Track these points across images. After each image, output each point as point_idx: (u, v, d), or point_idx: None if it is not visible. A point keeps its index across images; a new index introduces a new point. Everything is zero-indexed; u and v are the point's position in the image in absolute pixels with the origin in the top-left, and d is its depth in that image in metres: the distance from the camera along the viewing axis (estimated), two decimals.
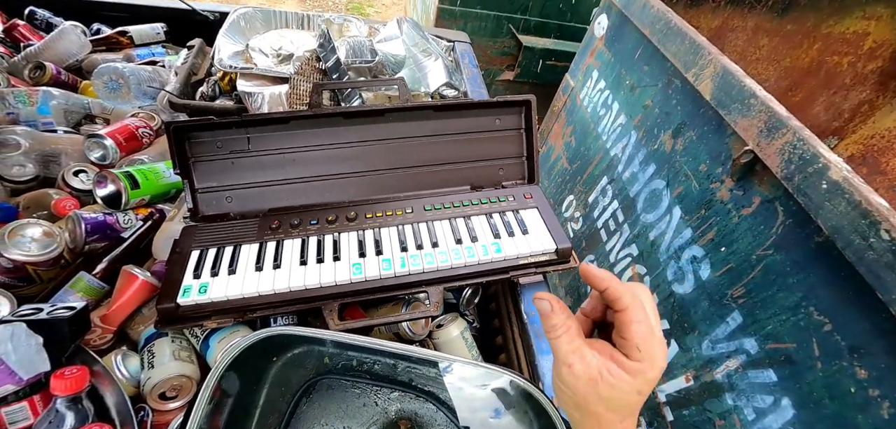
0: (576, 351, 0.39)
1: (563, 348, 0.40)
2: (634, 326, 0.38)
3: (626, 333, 0.38)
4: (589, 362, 0.39)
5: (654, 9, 1.14)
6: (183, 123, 0.66)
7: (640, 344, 0.38)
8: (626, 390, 0.38)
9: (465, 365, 0.57)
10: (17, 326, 0.49)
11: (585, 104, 1.53)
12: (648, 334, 0.38)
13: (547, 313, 0.42)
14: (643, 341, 0.38)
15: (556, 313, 0.41)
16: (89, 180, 0.80)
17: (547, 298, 0.42)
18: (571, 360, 0.39)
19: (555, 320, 0.41)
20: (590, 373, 0.38)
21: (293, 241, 0.65)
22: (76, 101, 0.95)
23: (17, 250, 0.62)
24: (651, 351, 0.38)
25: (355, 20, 0.98)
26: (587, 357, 0.39)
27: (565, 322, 0.41)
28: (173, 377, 0.64)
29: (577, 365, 0.39)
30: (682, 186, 1.08)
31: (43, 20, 1.18)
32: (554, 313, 0.41)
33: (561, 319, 0.41)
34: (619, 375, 0.38)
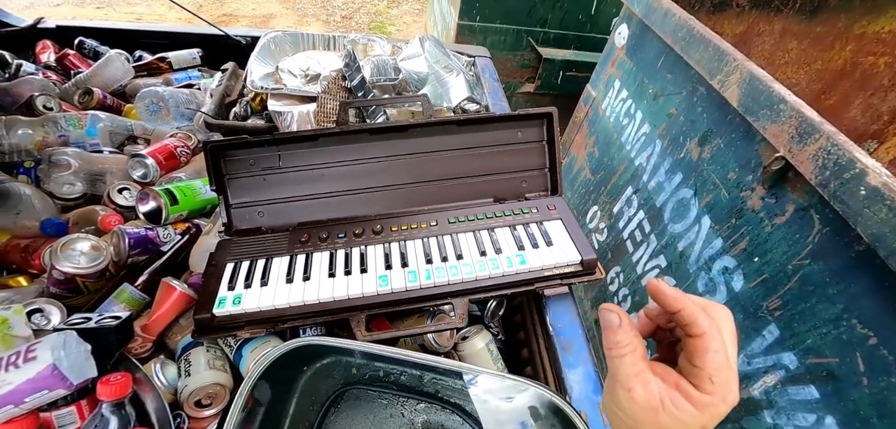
0: (639, 375, 0.36)
1: (624, 370, 0.36)
2: (710, 355, 0.34)
3: (700, 361, 0.34)
4: (651, 390, 0.35)
5: (675, 17, 1.13)
6: (219, 141, 0.69)
7: (715, 376, 0.34)
8: (689, 424, 0.34)
9: (492, 377, 0.57)
10: (68, 334, 0.52)
11: (608, 114, 1.52)
12: (724, 365, 0.34)
13: (613, 328, 0.37)
14: (718, 373, 0.34)
15: (624, 330, 0.37)
16: (132, 197, 0.85)
17: (615, 311, 0.38)
18: (632, 383, 0.35)
19: (620, 337, 0.37)
20: (651, 401, 0.35)
21: (322, 254, 0.67)
22: (120, 124, 1.01)
23: (68, 263, 0.66)
24: (725, 385, 0.34)
25: (379, 40, 1.01)
26: (650, 384, 0.35)
27: (632, 342, 0.37)
28: (208, 385, 0.66)
29: (639, 390, 0.35)
30: (710, 194, 1.06)
31: (90, 49, 1.27)
32: (621, 329, 0.37)
33: (628, 337, 0.37)
34: (684, 407, 0.34)
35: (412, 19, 4.02)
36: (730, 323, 0.36)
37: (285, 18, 3.73)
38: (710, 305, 0.37)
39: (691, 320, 0.35)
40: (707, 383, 0.34)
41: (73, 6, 3.50)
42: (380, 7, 4.16)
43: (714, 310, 0.37)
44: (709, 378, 0.34)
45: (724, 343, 0.35)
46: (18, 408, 0.50)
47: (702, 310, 0.36)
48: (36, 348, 0.49)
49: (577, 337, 0.68)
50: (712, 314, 0.36)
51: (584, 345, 0.67)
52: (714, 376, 0.34)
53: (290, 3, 3.97)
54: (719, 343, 0.34)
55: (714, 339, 0.34)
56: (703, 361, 0.34)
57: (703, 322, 0.35)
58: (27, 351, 0.49)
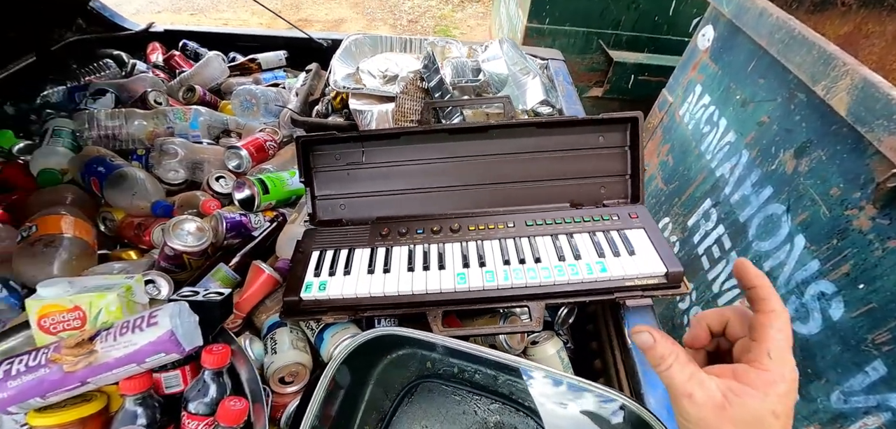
0: (692, 378, 0.35)
1: (676, 378, 0.36)
2: (774, 330, 0.34)
3: (762, 335, 0.35)
4: (709, 387, 0.35)
5: (773, 17, 1.05)
6: (309, 136, 0.74)
7: (773, 350, 0.34)
8: (758, 411, 0.33)
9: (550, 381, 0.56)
10: (182, 304, 0.58)
11: (686, 121, 1.44)
12: (785, 345, 0.34)
13: (649, 346, 0.38)
14: (776, 349, 0.34)
15: (660, 343, 0.37)
16: (228, 185, 0.92)
17: (646, 330, 0.39)
18: (690, 388, 0.35)
19: (660, 350, 0.37)
20: (714, 399, 0.34)
21: (401, 248, 0.69)
22: (217, 118, 1.11)
23: (178, 241, 0.73)
24: (782, 362, 0.34)
25: (455, 43, 1.03)
26: (706, 382, 0.35)
27: (672, 350, 0.37)
28: (291, 364, 0.70)
29: (697, 392, 0.34)
30: (806, 211, 0.97)
31: (192, 51, 1.40)
32: (657, 344, 0.37)
33: (667, 347, 0.37)
34: (746, 392, 0.34)
35: (476, 22, 4.05)
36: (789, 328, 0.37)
37: (355, 23, 3.90)
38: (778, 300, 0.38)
39: (766, 296, 0.36)
40: (765, 357, 0.34)
41: (171, 13, 3.88)
42: (445, 11, 4.22)
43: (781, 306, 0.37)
44: (767, 353, 0.34)
45: (789, 328, 0.35)
46: (139, 366, 0.56)
47: (777, 296, 0.37)
48: (157, 315, 0.55)
49: None
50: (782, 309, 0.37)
51: None
52: (772, 350, 0.34)
53: (359, 9, 4.14)
54: (784, 324, 0.35)
55: (780, 318, 0.35)
56: (764, 335, 0.35)
57: (776, 302, 0.36)
58: (150, 317, 0.55)
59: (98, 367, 0.55)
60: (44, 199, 0.90)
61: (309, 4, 4.10)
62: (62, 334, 0.60)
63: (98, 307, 0.60)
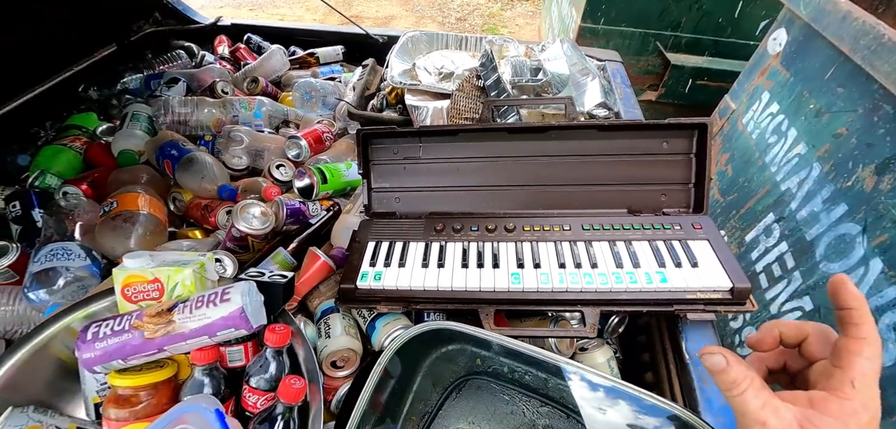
0: (766, 405, 0.33)
1: (750, 404, 0.34)
2: (862, 359, 0.32)
3: (849, 362, 0.32)
4: (784, 416, 0.33)
5: (858, 20, 0.97)
6: (369, 130, 0.76)
7: (858, 379, 0.31)
8: None
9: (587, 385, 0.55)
10: (251, 284, 0.61)
11: (750, 130, 1.36)
12: (872, 375, 0.32)
13: (722, 369, 0.36)
14: (862, 378, 0.31)
15: (734, 367, 0.35)
16: (287, 173, 0.97)
17: (719, 352, 0.37)
18: (764, 416, 0.33)
19: (734, 374, 0.35)
20: (788, 427, 0.32)
21: (455, 244, 0.70)
22: (278, 109, 1.16)
23: (244, 223, 0.78)
24: (867, 392, 0.31)
25: (512, 42, 1.02)
26: (781, 410, 0.33)
27: (747, 374, 0.35)
28: (343, 349, 0.73)
29: (772, 420, 0.33)
30: (887, 234, 0.89)
31: (256, 44, 1.48)
32: (731, 367, 0.35)
33: (742, 371, 0.35)
34: (825, 422, 0.31)
35: (525, 21, 4.00)
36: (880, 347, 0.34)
37: (404, 20, 3.96)
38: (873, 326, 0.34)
39: (860, 322, 0.33)
40: (848, 386, 0.32)
41: (232, 8, 4.09)
42: (494, 9, 4.20)
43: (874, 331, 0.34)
44: (850, 382, 0.32)
45: (880, 360, 0.33)
46: (211, 339, 0.60)
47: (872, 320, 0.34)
48: (230, 292, 0.58)
49: None
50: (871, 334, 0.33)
51: None
52: (857, 380, 0.32)
53: (409, 6, 4.20)
54: (874, 354, 0.32)
55: (871, 347, 0.32)
56: (851, 363, 0.32)
57: (870, 329, 0.33)
58: (223, 293, 0.59)
59: (175, 336, 0.59)
60: (123, 177, 0.97)
61: (360, 1, 4.20)
62: (142, 304, 0.65)
63: (175, 281, 0.64)
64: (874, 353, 0.32)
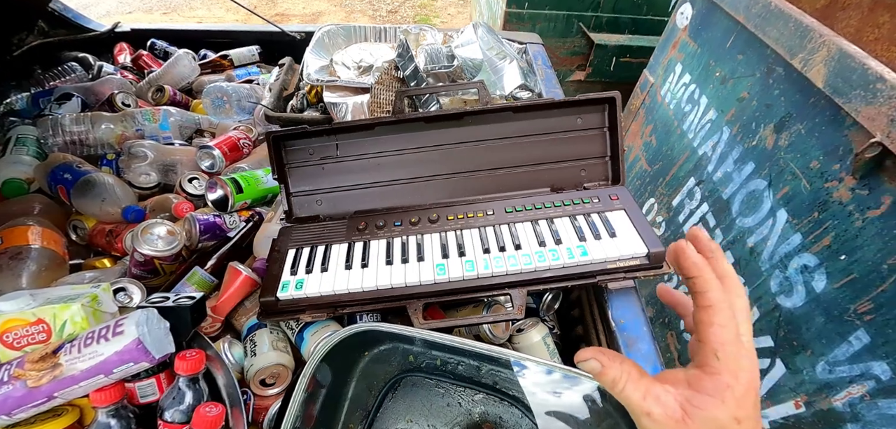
0: (647, 395, 0.34)
1: (632, 397, 0.34)
2: (715, 328, 0.32)
3: (705, 335, 0.33)
4: (666, 402, 0.33)
5: None
6: (281, 132, 0.72)
7: (719, 350, 0.32)
8: (721, 420, 0.31)
9: (540, 371, 0.55)
10: (150, 311, 0.56)
11: (668, 101, 1.43)
12: (731, 339, 0.32)
13: (599, 372, 0.36)
14: (722, 347, 0.32)
15: (608, 367, 0.36)
16: (201, 186, 0.90)
17: (592, 357, 0.37)
18: (647, 406, 0.33)
19: (611, 374, 0.35)
20: (672, 414, 0.32)
21: (379, 241, 0.67)
22: (189, 118, 1.07)
23: (147, 246, 0.71)
24: (733, 360, 0.32)
25: (430, 29, 1.00)
26: (662, 397, 0.33)
27: (622, 369, 0.35)
28: (272, 365, 0.69)
29: (655, 409, 0.33)
30: (788, 185, 0.97)
31: (161, 50, 1.36)
32: (606, 369, 0.36)
33: (616, 368, 0.35)
34: (704, 401, 0.32)
35: (456, 10, 4.01)
36: (742, 300, 0.34)
37: (333, 15, 3.84)
38: (727, 277, 0.35)
39: (704, 288, 0.34)
40: (712, 359, 0.32)
41: (142, 12, 3.78)
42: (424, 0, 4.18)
43: (732, 285, 0.35)
44: (714, 353, 0.32)
45: (734, 318, 0.33)
46: (108, 377, 0.54)
47: (718, 282, 0.34)
48: (123, 323, 0.53)
49: (641, 333, 0.64)
50: (730, 288, 0.34)
51: (650, 341, 0.64)
52: (718, 350, 0.32)
53: (338, 0, 4.07)
54: (726, 317, 0.33)
55: (720, 312, 0.33)
56: (707, 334, 0.33)
57: (714, 295, 0.33)
58: (115, 326, 0.53)
59: (64, 380, 0.53)
60: (12, 210, 0.87)
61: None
62: (27, 349, 0.57)
63: (62, 319, 0.57)
64: (725, 318, 0.32)
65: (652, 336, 0.65)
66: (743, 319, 0.34)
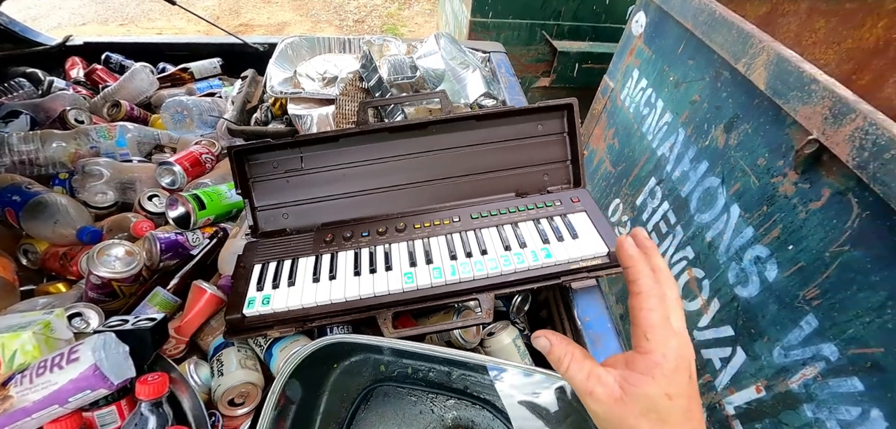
0: (590, 375, 0.37)
1: (576, 377, 0.37)
2: (645, 312, 0.36)
3: (637, 318, 0.36)
4: (606, 381, 0.36)
5: (696, 1, 1.10)
6: (243, 146, 0.71)
7: (648, 331, 0.35)
8: (653, 396, 0.34)
9: (518, 373, 0.56)
10: (107, 335, 0.54)
11: (627, 105, 1.49)
12: (660, 323, 0.35)
13: (547, 350, 0.40)
14: (651, 329, 0.35)
15: (556, 346, 0.39)
16: (162, 204, 0.87)
17: (543, 336, 0.40)
18: (589, 386, 0.36)
19: (556, 353, 0.39)
20: (612, 392, 0.35)
21: (346, 253, 0.67)
22: (147, 134, 1.04)
23: (104, 268, 0.68)
24: (662, 341, 0.35)
25: (394, 40, 1.01)
26: (602, 376, 0.36)
27: (567, 350, 0.38)
28: (241, 385, 0.67)
29: (597, 389, 0.36)
30: (739, 182, 1.03)
31: (117, 63, 1.31)
32: (554, 347, 0.39)
33: (562, 348, 0.39)
34: (638, 380, 0.34)
35: (424, 19, 4.04)
36: (673, 291, 0.38)
37: (299, 25, 3.79)
38: (660, 270, 0.38)
39: (635, 277, 0.37)
40: (643, 341, 0.35)
41: (98, 24, 3.63)
42: (391, 9, 4.18)
43: (663, 277, 0.38)
44: (644, 335, 0.35)
45: (664, 305, 0.36)
46: (63, 408, 0.51)
47: (650, 272, 0.37)
48: (78, 350, 0.51)
49: (605, 330, 0.67)
50: (660, 279, 0.37)
51: (614, 337, 0.66)
52: (648, 332, 0.35)
53: (303, 10, 4.03)
54: (655, 303, 0.36)
55: (650, 298, 0.36)
56: (638, 318, 0.36)
57: (644, 282, 0.37)
58: (70, 352, 0.51)
59: (15, 413, 0.51)
60: None
61: (249, 8, 3.95)
62: None
63: (12, 349, 0.55)
64: (654, 303, 0.35)
65: (617, 332, 0.68)
66: (674, 308, 0.36)
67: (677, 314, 0.36)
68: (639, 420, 0.34)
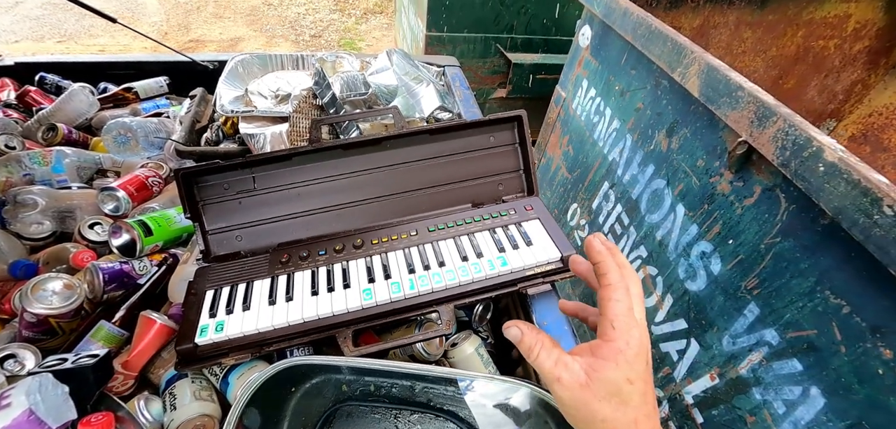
0: (558, 362, 0.38)
1: (545, 365, 0.39)
2: (612, 302, 0.38)
3: (605, 308, 0.38)
4: (573, 368, 0.38)
5: (634, 15, 1.17)
6: (191, 168, 0.68)
7: (615, 321, 0.37)
8: (615, 381, 0.36)
9: (484, 381, 0.57)
10: (43, 376, 0.50)
11: (579, 113, 1.55)
12: (625, 312, 0.38)
13: (519, 339, 0.41)
14: (617, 318, 0.37)
15: (526, 335, 0.41)
16: (105, 232, 0.82)
17: (514, 325, 0.42)
18: (557, 372, 0.38)
19: (527, 341, 0.40)
20: (578, 378, 0.37)
21: (303, 272, 0.66)
22: (88, 158, 0.98)
23: (39, 304, 0.64)
24: (625, 330, 0.37)
25: (347, 56, 1.01)
26: (570, 363, 0.38)
27: (537, 338, 0.40)
28: (195, 417, 0.64)
29: (564, 375, 0.37)
30: (682, 183, 1.09)
31: (53, 84, 1.23)
32: (525, 336, 0.41)
33: (532, 337, 0.40)
34: (602, 365, 0.36)
35: (381, 33, 4.04)
36: (637, 287, 0.40)
37: (253, 41, 3.70)
38: (624, 267, 0.41)
39: (605, 270, 0.39)
40: (609, 329, 0.37)
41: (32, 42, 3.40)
42: (348, 24, 4.16)
43: (628, 273, 0.41)
44: (610, 323, 0.37)
45: (629, 297, 0.39)
46: None
47: (617, 267, 0.40)
48: (10, 395, 0.47)
49: (563, 332, 0.69)
50: (625, 274, 0.40)
51: (572, 339, 0.68)
52: (614, 320, 0.37)
53: (257, 26, 3.94)
54: (622, 295, 0.38)
55: (618, 290, 0.38)
56: (607, 307, 0.38)
57: (613, 275, 0.39)
58: (1, 398, 0.47)
59: None
60: None
61: (200, 24, 3.82)
62: None
63: None
64: (621, 295, 0.38)
65: (574, 334, 0.70)
66: (636, 301, 0.39)
67: (639, 307, 0.39)
68: (602, 403, 0.36)
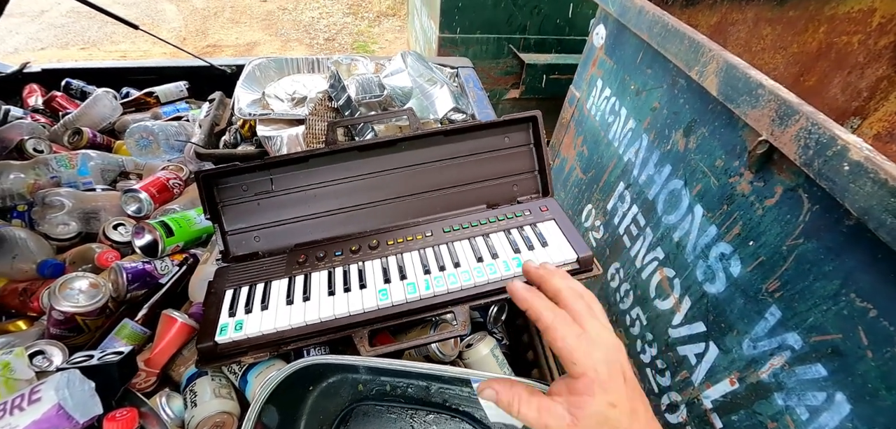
0: (541, 411, 0.37)
1: (529, 416, 0.38)
2: (558, 343, 0.37)
3: (556, 351, 0.37)
4: (557, 412, 0.37)
5: (649, 13, 1.16)
6: (211, 170, 0.70)
7: (570, 357, 0.36)
8: (600, 411, 0.35)
9: None
10: (71, 372, 0.52)
11: (593, 113, 1.54)
12: (576, 343, 0.36)
13: (495, 400, 0.40)
14: (571, 354, 0.36)
15: (501, 393, 0.40)
16: (128, 233, 0.85)
17: (487, 387, 0.41)
18: (543, 420, 0.37)
19: (504, 399, 0.39)
20: (564, 422, 0.36)
21: (320, 273, 0.67)
22: (111, 161, 1.01)
23: (67, 302, 0.66)
24: (585, 358, 0.36)
25: (362, 59, 1.02)
26: (553, 408, 0.37)
27: (513, 392, 0.39)
28: (215, 414, 0.66)
29: (551, 421, 0.37)
30: (700, 183, 1.07)
31: (78, 89, 1.27)
32: (499, 395, 0.40)
33: (508, 392, 0.39)
34: (582, 402, 0.36)
35: (394, 36, 4.07)
36: (581, 302, 0.39)
37: (269, 45, 3.76)
38: (560, 292, 0.39)
39: (536, 316, 0.38)
40: (571, 367, 0.36)
41: (57, 49, 3.51)
42: (361, 27, 4.20)
43: (563, 295, 0.39)
44: (570, 363, 0.36)
45: (575, 324, 0.37)
46: None
47: (547, 304, 0.38)
48: (40, 389, 0.49)
49: None
50: (564, 299, 0.39)
51: None
52: (570, 357, 0.36)
53: (273, 30, 4.00)
54: (565, 328, 0.37)
55: (558, 328, 0.37)
56: (558, 350, 0.37)
57: (546, 316, 0.38)
58: (31, 393, 0.49)
59: None
60: None
61: (217, 29, 3.90)
62: None
63: None
64: (564, 329, 0.37)
65: None
66: (586, 317, 0.38)
67: (591, 323, 0.38)
68: None
